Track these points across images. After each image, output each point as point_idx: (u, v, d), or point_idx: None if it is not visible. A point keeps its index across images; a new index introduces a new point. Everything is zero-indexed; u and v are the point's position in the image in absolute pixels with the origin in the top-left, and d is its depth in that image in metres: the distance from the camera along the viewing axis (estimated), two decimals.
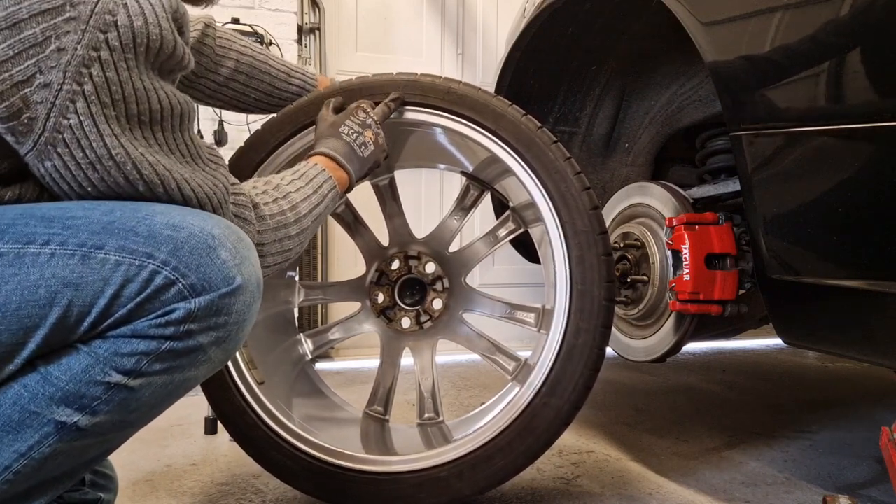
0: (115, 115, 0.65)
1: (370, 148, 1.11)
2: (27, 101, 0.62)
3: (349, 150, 1.08)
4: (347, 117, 1.11)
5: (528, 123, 1.16)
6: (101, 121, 0.64)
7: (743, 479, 1.38)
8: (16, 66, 0.61)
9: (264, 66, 1.27)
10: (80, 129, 0.64)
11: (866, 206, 0.93)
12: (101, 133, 0.65)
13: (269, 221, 0.89)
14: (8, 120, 0.63)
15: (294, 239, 0.93)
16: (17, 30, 0.60)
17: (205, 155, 0.79)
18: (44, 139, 0.64)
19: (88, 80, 0.63)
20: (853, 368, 2.60)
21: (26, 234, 0.64)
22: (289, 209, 0.92)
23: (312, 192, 0.98)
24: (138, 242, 0.65)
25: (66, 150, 0.65)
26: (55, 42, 0.61)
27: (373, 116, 1.13)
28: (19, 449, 0.65)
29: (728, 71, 1.09)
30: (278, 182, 0.96)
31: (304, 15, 2.74)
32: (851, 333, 1.03)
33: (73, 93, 0.62)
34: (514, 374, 1.26)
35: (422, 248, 1.37)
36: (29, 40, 0.60)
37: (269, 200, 0.91)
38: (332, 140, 1.08)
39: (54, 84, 0.62)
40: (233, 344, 0.73)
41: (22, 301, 0.62)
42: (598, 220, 1.14)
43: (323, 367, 2.61)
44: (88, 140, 0.64)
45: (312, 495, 1.19)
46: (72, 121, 0.63)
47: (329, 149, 1.07)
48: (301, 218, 0.94)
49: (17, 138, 0.64)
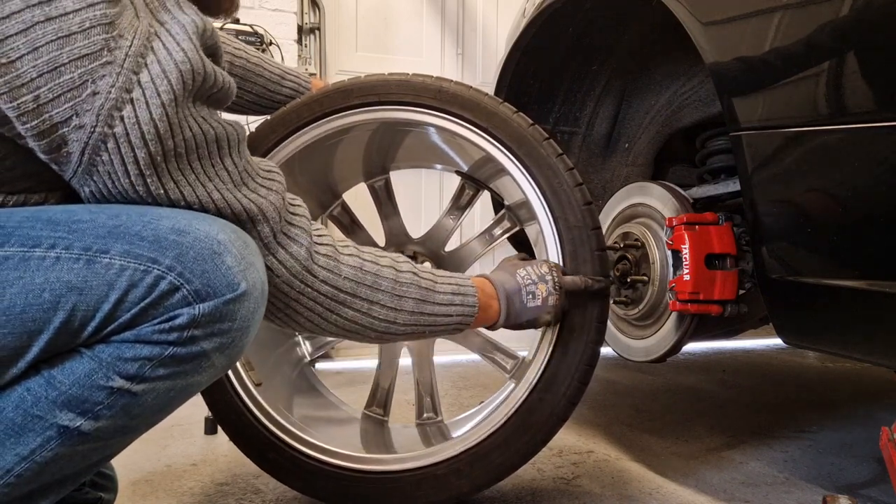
0: (146, 154, 0.67)
1: (537, 301, 1.04)
2: (65, 139, 0.65)
3: (515, 290, 1.04)
4: (531, 265, 1.08)
5: (519, 120, 1.16)
6: (131, 161, 0.67)
7: (743, 479, 1.38)
8: (55, 108, 0.64)
9: (258, 68, 1.28)
10: (111, 165, 0.67)
11: (866, 206, 0.93)
12: (129, 172, 0.68)
13: (330, 263, 0.85)
14: (49, 153, 0.67)
15: (353, 307, 0.87)
16: (58, 74, 0.63)
17: (257, 178, 0.80)
18: (81, 170, 0.68)
19: (119, 122, 0.65)
20: (853, 368, 2.61)
21: (32, 237, 0.65)
22: (370, 275, 0.88)
23: (432, 291, 0.93)
24: (143, 247, 0.65)
25: (100, 180, 0.68)
26: (91, 86, 0.64)
27: (556, 278, 1.07)
28: (21, 452, 0.65)
29: (728, 71, 1.09)
30: (391, 259, 0.92)
31: (304, 15, 2.74)
32: (851, 333, 1.03)
33: (104, 135, 0.65)
34: (512, 372, 1.26)
35: (418, 247, 1.37)
36: (67, 84, 0.63)
37: (356, 254, 0.88)
38: (503, 274, 1.06)
39: (87, 126, 0.65)
40: (237, 350, 0.73)
41: (26, 304, 0.62)
42: (591, 215, 1.14)
43: (323, 367, 2.61)
44: (118, 175, 0.68)
45: (312, 496, 1.19)
46: (103, 157, 0.67)
47: (495, 277, 1.05)
48: (380, 293, 0.88)
49: (60, 167, 0.68)
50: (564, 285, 1.08)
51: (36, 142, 0.65)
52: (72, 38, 0.63)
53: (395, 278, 0.90)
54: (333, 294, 0.85)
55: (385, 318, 0.90)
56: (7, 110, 0.63)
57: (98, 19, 0.63)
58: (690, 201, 1.43)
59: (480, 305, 0.99)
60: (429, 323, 0.94)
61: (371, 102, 1.18)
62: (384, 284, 0.89)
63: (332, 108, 1.19)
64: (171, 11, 0.70)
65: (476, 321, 1.00)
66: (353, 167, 1.40)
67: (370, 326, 0.89)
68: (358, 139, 1.29)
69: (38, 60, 0.62)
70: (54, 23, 0.62)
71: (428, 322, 0.94)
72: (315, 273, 0.84)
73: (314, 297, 0.84)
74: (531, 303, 1.04)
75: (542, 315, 1.07)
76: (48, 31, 0.62)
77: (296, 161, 1.22)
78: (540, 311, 1.06)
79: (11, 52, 0.61)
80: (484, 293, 1.01)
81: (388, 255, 0.93)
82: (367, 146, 1.33)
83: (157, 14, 0.69)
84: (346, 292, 0.86)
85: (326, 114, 1.19)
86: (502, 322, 1.05)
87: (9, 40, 0.61)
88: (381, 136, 1.29)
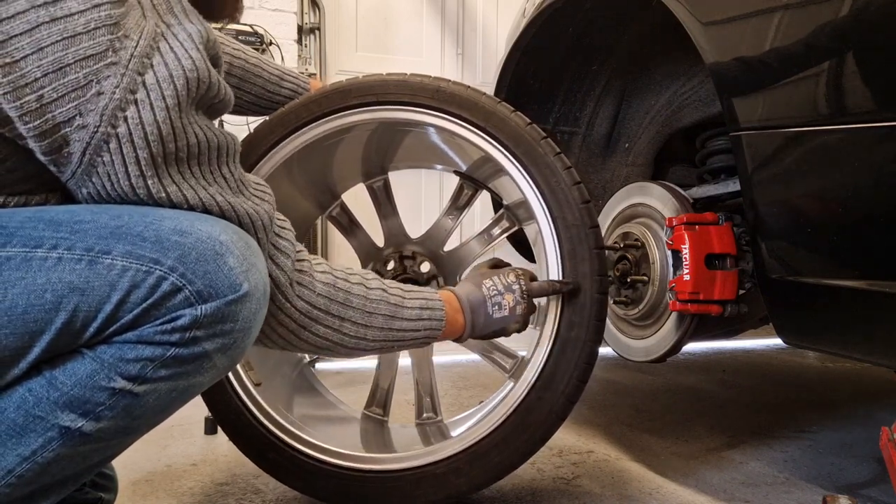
0: (148, 155, 0.67)
1: (503, 312, 1.06)
2: (67, 139, 0.65)
3: (480, 302, 1.05)
4: (497, 275, 1.09)
5: (517, 119, 1.16)
6: (131, 161, 0.67)
7: (743, 479, 1.38)
8: (59, 107, 0.64)
9: (256, 68, 1.28)
10: (112, 166, 0.67)
11: (866, 206, 0.93)
12: (129, 174, 0.68)
13: (305, 279, 0.86)
14: (50, 154, 0.66)
15: (325, 324, 0.87)
16: (63, 74, 0.63)
17: (250, 188, 0.80)
18: (80, 171, 0.67)
19: (123, 122, 0.65)
20: (853, 368, 2.61)
21: (34, 238, 0.65)
22: (342, 292, 0.88)
23: (400, 307, 0.94)
24: (145, 248, 0.65)
25: (98, 182, 0.68)
26: (96, 86, 0.64)
27: (523, 286, 1.08)
28: (23, 453, 0.65)
29: (728, 71, 1.09)
30: (361, 276, 0.93)
31: (304, 15, 2.74)
32: (851, 333, 1.03)
33: (107, 135, 0.65)
34: (512, 372, 1.26)
35: (417, 247, 1.37)
36: (72, 84, 0.63)
37: (329, 271, 0.89)
38: (469, 285, 1.07)
39: (91, 126, 0.65)
40: (238, 351, 0.73)
41: (28, 305, 0.62)
42: (589, 213, 1.14)
43: (322, 367, 2.61)
44: (118, 177, 0.68)
45: (311, 496, 1.19)
46: (104, 158, 0.66)
47: (460, 290, 1.05)
48: (351, 310, 0.89)
49: (59, 168, 0.68)
50: (532, 293, 1.09)
51: (37, 142, 0.65)
52: (77, 38, 0.63)
53: (365, 295, 0.91)
54: (307, 310, 0.86)
55: (356, 335, 0.91)
56: (9, 110, 0.64)
57: (103, 20, 0.63)
58: (690, 201, 1.43)
59: (447, 319, 1.00)
60: (397, 338, 0.95)
61: (369, 102, 1.18)
62: (355, 301, 0.90)
63: (331, 108, 1.19)
64: (178, 17, 0.70)
65: (443, 334, 1.02)
66: (351, 167, 1.40)
67: (341, 343, 0.90)
68: (356, 139, 1.29)
69: (43, 60, 0.62)
70: (59, 23, 0.62)
71: (397, 337, 0.95)
72: (294, 289, 0.85)
73: (290, 312, 0.85)
74: (497, 314, 1.06)
75: (510, 325, 1.08)
76: (53, 32, 0.62)
77: (294, 161, 1.22)
78: (507, 321, 1.07)
79: (16, 52, 0.62)
80: (451, 307, 1.02)
81: (357, 272, 0.94)
82: (366, 146, 1.33)
83: (164, 17, 0.69)
84: (320, 309, 0.87)
85: (325, 114, 1.19)
86: (468, 335, 1.06)
87: (13, 40, 0.61)
88: (379, 137, 1.29)
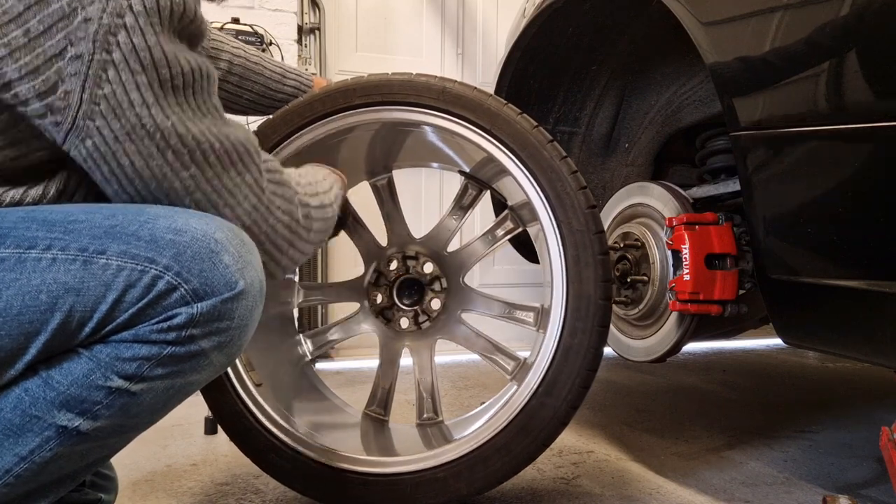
0: (147, 81, 0.65)
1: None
2: (61, 74, 0.63)
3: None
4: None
5: (523, 123, 1.15)
6: (133, 88, 0.65)
7: (743, 479, 1.38)
8: (48, 40, 0.62)
9: (258, 67, 1.27)
10: (115, 97, 0.64)
11: (866, 206, 0.93)
12: (133, 102, 0.65)
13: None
14: (46, 95, 0.64)
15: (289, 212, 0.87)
16: (46, 4, 0.61)
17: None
18: (82, 112, 0.64)
19: (116, 47, 0.63)
20: (853, 368, 2.60)
21: (28, 238, 0.64)
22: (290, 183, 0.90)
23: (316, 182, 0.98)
24: (140, 247, 0.65)
25: (103, 123, 0.65)
26: (81, 13, 0.62)
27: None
28: (20, 452, 0.65)
29: (728, 71, 1.08)
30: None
31: (304, 15, 2.74)
32: (851, 333, 1.03)
33: (103, 62, 0.63)
34: (513, 374, 1.26)
35: (420, 248, 1.36)
36: (57, 13, 0.61)
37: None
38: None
39: (85, 55, 0.62)
40: (235, 348, 0.73)
41: (23, 306, 0.62)
42: (595, 219, 1.13)
43: (323, 367, 2.61)
44: (122, 108, 0.65)
45: (311, 497, 1.19)
46: (105, 90, 0.64)
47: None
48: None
49: (56, 117, 0.65)
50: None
51: (31, 81, 0.63)
52: None
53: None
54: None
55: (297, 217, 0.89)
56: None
57: None
58: (690, 201, 1.43)
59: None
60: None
61: (374, 102, 1.18)
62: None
63: (335, 107, 1.18)
64: None
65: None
66: (355, 166, 1.40)
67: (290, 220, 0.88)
68: (360, 139, 1.28)
69: None
70: None
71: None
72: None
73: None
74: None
75: None
76: None
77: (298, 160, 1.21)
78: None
79: None
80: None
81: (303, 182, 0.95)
82: (370, 146, 1.33)
83: None
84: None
85: (329, 113, 1.19)
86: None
87: None
88: (383, 136, 1.29)
